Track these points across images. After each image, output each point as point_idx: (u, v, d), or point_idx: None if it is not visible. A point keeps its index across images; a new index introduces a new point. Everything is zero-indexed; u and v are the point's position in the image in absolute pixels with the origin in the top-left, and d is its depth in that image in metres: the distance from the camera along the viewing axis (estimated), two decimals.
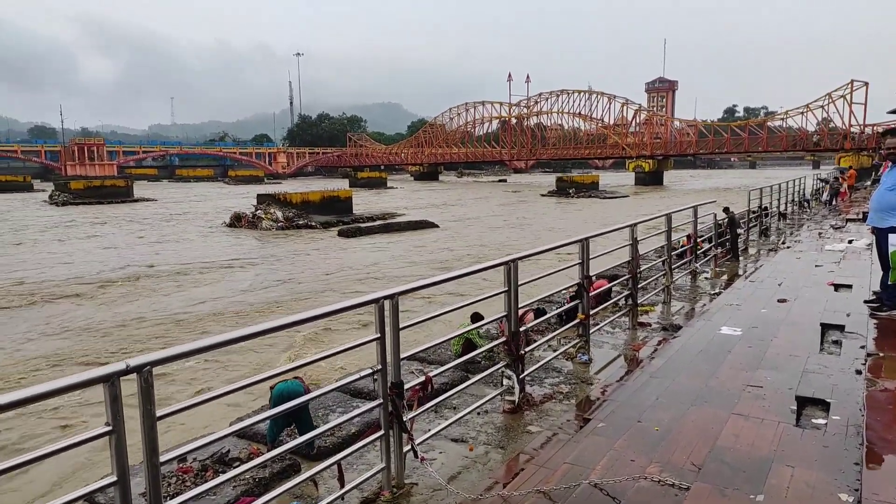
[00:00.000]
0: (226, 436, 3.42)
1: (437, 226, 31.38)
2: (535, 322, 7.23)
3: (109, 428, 2.53)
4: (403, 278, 17.48)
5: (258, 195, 36.25)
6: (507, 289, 5.19)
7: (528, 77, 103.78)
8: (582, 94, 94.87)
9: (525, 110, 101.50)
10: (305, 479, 3.85)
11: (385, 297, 3.82)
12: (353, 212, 36.31)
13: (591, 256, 6.55)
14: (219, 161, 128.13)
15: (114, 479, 2.58)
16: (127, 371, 2.54)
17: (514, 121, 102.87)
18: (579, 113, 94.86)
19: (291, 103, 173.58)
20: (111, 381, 2.51)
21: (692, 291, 10.07)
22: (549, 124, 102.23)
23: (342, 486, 4.02)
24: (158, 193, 66.41)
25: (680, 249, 11.75)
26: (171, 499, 2.89)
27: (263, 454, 4.50)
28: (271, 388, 5.08)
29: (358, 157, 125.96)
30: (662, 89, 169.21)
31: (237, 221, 33.14)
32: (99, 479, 2.82)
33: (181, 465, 4.54)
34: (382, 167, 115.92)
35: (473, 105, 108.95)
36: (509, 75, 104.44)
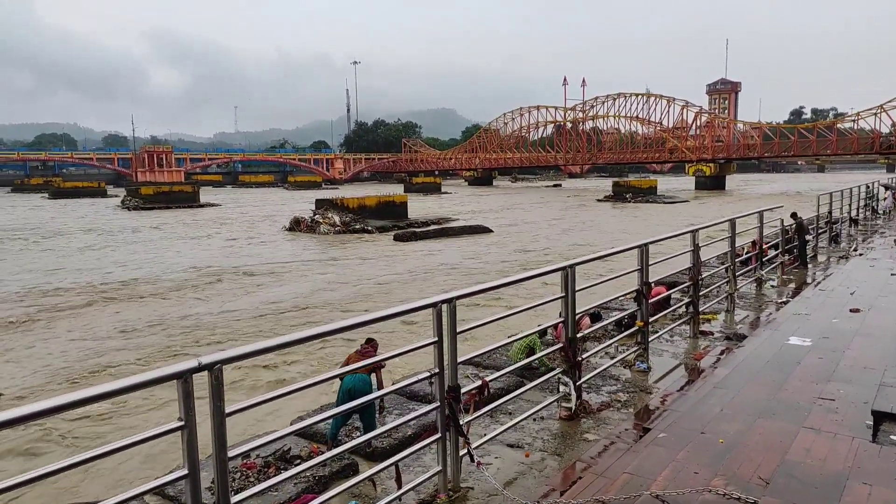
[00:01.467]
0: (288, 434, 3.51)
1: (491, 231, 31.32)
2: (592, 328, 7.14)
3: (182, 423, 2.64)
4: (460, 283, 17.53)
5: (316, 200, 37.00)
6: (564, 294, 5.13)
7: (583, 80, 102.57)
8: (640, 97, 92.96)
9: (581, 114, 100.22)
10: (364, 479, 3.91)
11: (443, 301, 3.84)
12: (409, 216, 36.61)
13: (650, 262, 6.41)
14: (279, 167, 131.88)
15: (185, 472, 2.68)
16: (199, 368, 2.65)
17: (569, 125, 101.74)
18: (637, 116, 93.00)
19: (348, 110, 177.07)
20: (184, 378, 2.61)
21: (757, 300, 9.71)
22: (605, 128, 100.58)
23: (399, 487, 4.05)
24: (223, 199, 68.75)
25: (744, 256, 11.35)
26: (236, 493, 2.98)
27: (323, 453, 4.60)
28: (341, 378, 5.19)
29: (413, 162, 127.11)
30: (724, 91, 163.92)
31: (297, 225, 33.95)
32: (169, 473, 2.94)
33: (245, 460, 4.68)
34: (437, 172, 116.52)
35: (528, 110, 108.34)
36: (564, 79, 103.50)
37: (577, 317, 5.31)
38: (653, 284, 6.79)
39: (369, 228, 32.12)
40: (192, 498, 2.69)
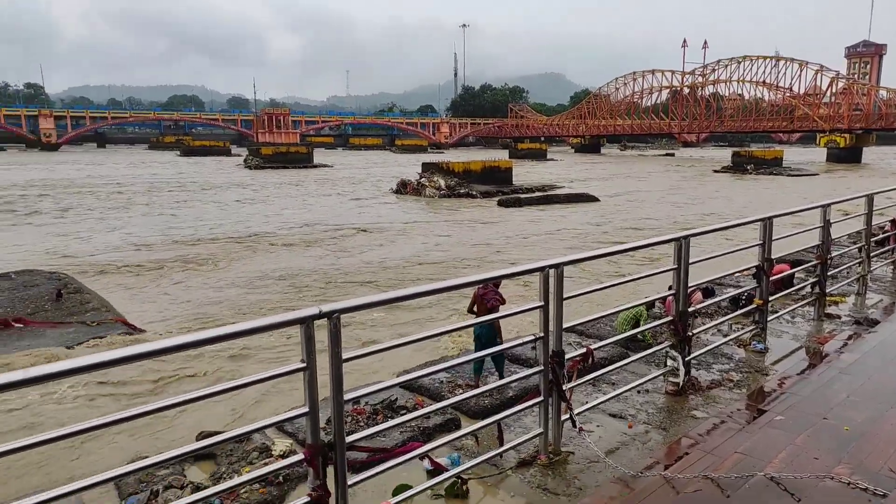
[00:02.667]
0: (395, 385, 3.67)
1: (597, 199, 30.47)
2: (704, 303, 6.83)
3: (304, 365, 2.82)
4: (564, 250, 17.32)
5: (423, 163, 37.48)
6: (676, 266, 4.94)
7: (705, 42, 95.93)
8: (768, 60, 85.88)
9: (700, 79, 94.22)
10: (467, 434, 4.01)
11: (550, 266, 3.82)
12: (513, 182, 36.32)
13: (773, 238, 6.02)
14: (387, 130, 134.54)
15: (305, 409, 2.88)
16: (320, 315, 2.81)
17: (686, 90, 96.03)
18: (763, 81, 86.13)
19: (456, 75, 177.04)
20: (307, 324, 2.79)
21: (893, 283, 8.89)
22: (726, 94, 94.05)
23: (501, 444, 4.14)
24: (334, 160, 71.26)
25: (881, 236, 10.37)
26: (348, 435, 3.16)
27: (427, 406, 4.76)
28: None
29: (518, 128, 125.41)
30: (867, 54, 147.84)
31: (403, 188, 34.63)
32: (290, 410, 3.17)
33: (355, 406, 4.94)
34: (542, 139, 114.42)
35: (642, 74, 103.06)
36: (684, 41, 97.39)
37: (688, 290, 5.10)
38: (775, 261, 6.38)
39: (473, 193, 32.20)
40: (311, 434, 2.89)
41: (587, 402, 4.68)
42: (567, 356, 4.12)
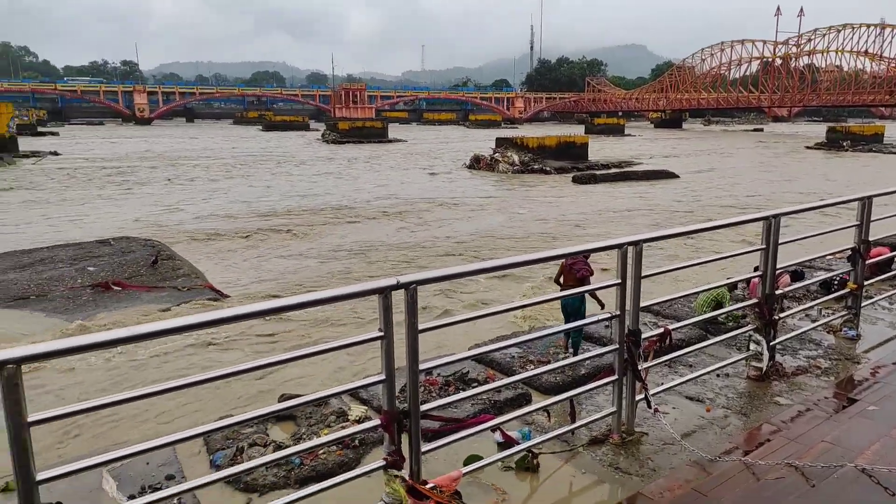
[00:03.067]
0: (467, 357, 3.71)
1: (677, 176, 29.35)
2: (792, 287, 6.50)
3: (381, 334, 2.90)
4: (642, 227, 16.87)
5: (497, 139, 37.15)
6: (764, 246, 4.72)
7: (801, 10, 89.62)
8: (871, 28, 79.39)
9: (794, 49, 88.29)
10: (538, 409, 4.02)
11: (629, 243, 3.73)
12: (589, 158, 35.46)
13: (872, 219, 5.64)
14: (461, 105, 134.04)
15: (382, 377, 2.97)
16: (397, 286, 2.87)
17: (778, 61, 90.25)
18: (865, 51, 79.70)
19: (532, 48, 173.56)
20: (385, 294, 2.86)
21: None
22: (823, 65, 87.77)
23: (573, 421, 4.12)
24: (408, 135, 71.75)
25: None
26: (422, 404, 3.23)
27: (498, 380, 4.80)
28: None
29: (595, 102, 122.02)
30: None
31: (476, 163, 34.52)
32: (367, 377, 3.27)
33: (427, 377, 5.04)
34: (620, 113, 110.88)
35: (730, 44, 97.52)
36: (777, 9, 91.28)
37: (776, 272, 4.87)
38: (873, 244, 5.99)
39: (547, 169, 31.71)
40: (387, 401, 2.97)
41: (663, 384, 4.58)
42: (643, 336, 4.03)
